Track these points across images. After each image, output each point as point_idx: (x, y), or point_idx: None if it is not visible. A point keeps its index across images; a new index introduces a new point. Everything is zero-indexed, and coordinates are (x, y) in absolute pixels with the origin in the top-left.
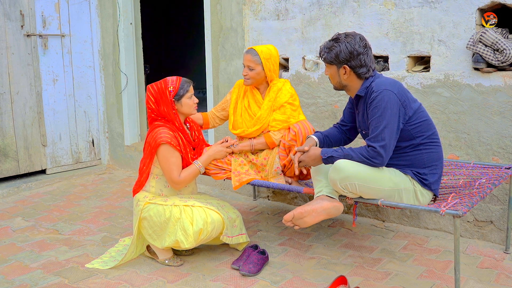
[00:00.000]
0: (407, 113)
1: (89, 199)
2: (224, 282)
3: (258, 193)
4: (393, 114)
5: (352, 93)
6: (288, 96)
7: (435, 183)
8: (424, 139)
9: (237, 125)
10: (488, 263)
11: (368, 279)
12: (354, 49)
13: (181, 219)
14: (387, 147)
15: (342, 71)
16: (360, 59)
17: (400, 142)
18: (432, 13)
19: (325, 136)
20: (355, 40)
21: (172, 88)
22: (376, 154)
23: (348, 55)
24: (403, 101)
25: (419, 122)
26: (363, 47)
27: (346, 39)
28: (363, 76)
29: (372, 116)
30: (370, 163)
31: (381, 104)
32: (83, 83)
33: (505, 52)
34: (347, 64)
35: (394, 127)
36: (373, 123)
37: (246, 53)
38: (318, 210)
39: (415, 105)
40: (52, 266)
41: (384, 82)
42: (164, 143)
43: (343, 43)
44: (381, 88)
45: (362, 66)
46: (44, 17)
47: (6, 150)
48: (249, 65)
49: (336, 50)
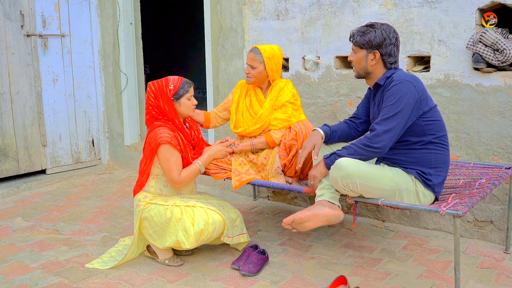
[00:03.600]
0: (423, 107)
1: (89, 199)
2: (224, 282)
3: (258, 193)
4: (408, 105)
5: (372, 81)
6: (290, 95)
7: (439, 185)
8: (434, 138)
9: (238, 124)
10: (488, 263)
11: (368, 279)
12: (388, 37)
13: (182, 220)
14: (391, 133)
15: (371, 56)
16: (391, 49)
17: (410, 136)
18: (432, 13)
19: (333, 131)
20: (390, 29)
21: (172, 87)
22: (376, 137)
23: (381, 41)
24: (421, 94)
25: (433, 120)
26: (395, 39)
27: (382, 26)
28: (388, 65)
29: (386, 103)
30: (371, 150)
31: (398, 93)
32: (83, 83)
33: (505, 52)
34: (378, 50)
35: (405, 117)
36: (385, 110)
37: (250, 51)
38: (319, 216)
39: (432, 103)
40: (52, 266)
41: (405, 74)
42: (164, 143)
43: (379, 29)
44: (401, 79)
45: (391, 55)
46: (44, 17)
47: (6, 150)
48: (251, 63)
49: (371, 35)
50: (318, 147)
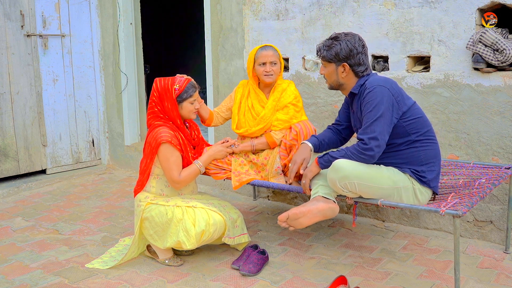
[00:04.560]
0: (401, 108)
1: (89, 199)
2: (224, 282)
3: (258, 193)
4: (386, 108)
5: (347, 91)
6: (292, 97)
7: (434, 180)
8: (419, 136)
9: (240, 125)
10: (488, 263)
11: (368, 279)
12: (354, 47)
13: (183, 220)
14: (378, 139)
15: (341, 69)
16: (359, 58)
17: (395, 139)
18: (432, 13)
19: (321, 141)
20: (355, 39)
21: (177, 87)
22: (365, 146)
23: (348, 53)
24: (396, 96)
25: (413, 118)
26: (361, 47)
27: (346, 37)
28: (360, 74)
29: (365, 111)
30: (362, 157)
31: (374, 99)
32: (83, 83)
33: (505, 52)
34: (347, 62)
35: (386, 120)
36: (365, 118)
37: (266, 49)
38: (313, 211)
39: (409, 102)
40: (52, 266)
41: (377, 79)
42: (164, 142)
43: (343, 41)
44: (374, 85)
45: (360, 64)
46: (44, 17)
47: (6, 150)
48: (273, 60)
49: (336, 48)
50: (307, 161)
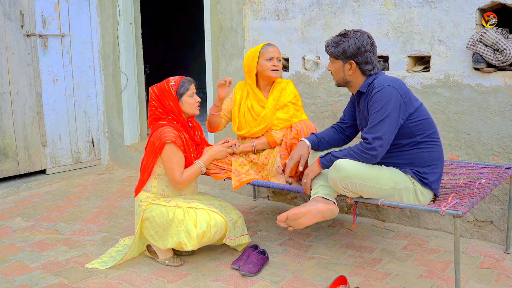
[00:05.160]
0: (408, 109)
1: (89, 199)
2: (224, 282)
3: (258, 193)
4: (393, 109)
5: (354, 89)
6: (291, 96)
7: (435, 182)
8: (424, 137)
9: (241, 126)
10: (488, 263)
11: (368, 279)
12: (362, 45)
13: (185, 221)
14: (382, 139)
15: (348, 66)
16: (367, 56)
17: (400, 139)
18: (432, 13)
19: (321, 139)
20: (363, 37)
21: (173, 83)
22: (368, 145)
23: (355, 50)
24: (404, 97)
25: (420, 120)
26: (370, 45)
27: (354, 35)
28: (367, 73)
29: (372, 111)
30: (364, 157)
31: (382, 99)
32: (83, 83)
33: (505, 52)
34: (354, 59)
35: (393, 121)
36: (371, 117)
37: (271, 46)
38: (313, 212)
39: (417, 103)
40: (52, 266)
41: (386, 79)
42: (169, 142)
43: (352, 39)
44: (383, 84)
45: (368, 63)
46: (44, 17)
47: (6, 150)
48: (279, 56)
49: (344, 45)
50: (305, 158)
